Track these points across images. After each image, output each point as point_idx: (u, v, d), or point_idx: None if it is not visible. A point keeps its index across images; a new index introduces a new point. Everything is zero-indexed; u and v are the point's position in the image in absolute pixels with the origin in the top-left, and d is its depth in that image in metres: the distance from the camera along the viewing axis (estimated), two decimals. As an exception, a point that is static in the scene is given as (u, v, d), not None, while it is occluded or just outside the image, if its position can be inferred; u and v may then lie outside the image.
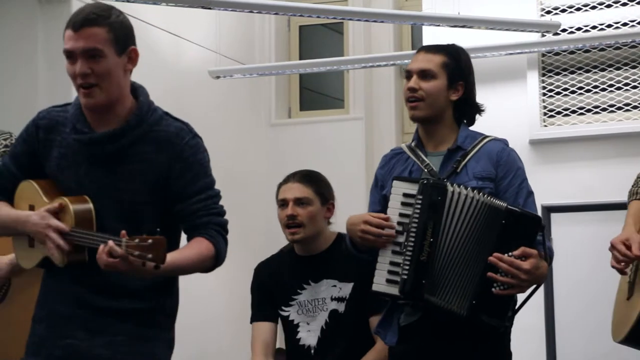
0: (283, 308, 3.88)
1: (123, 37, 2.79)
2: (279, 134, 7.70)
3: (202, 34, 7.05)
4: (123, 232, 2.60)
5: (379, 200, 3.32)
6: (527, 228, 3.08)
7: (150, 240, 2.56)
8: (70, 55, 2.76)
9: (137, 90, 2.89)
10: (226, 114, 7.27)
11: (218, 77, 6.90)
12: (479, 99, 3.37)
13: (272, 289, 3.91)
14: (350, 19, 6.47)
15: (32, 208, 2.87)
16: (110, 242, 2.59)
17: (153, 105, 2.90)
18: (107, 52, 2.74)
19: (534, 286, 3.12)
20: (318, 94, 8.18)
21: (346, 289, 3.77)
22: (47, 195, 2.84)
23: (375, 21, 6.40)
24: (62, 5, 5.79)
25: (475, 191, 3.10)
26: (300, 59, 7.75)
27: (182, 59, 6.82)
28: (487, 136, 3.32)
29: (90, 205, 2.78)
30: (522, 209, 3.14)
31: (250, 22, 7.58)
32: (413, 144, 3.33)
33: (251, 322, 3.96)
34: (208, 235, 2.85)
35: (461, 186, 3.11)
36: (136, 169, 2.81)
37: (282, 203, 3.91)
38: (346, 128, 7.55)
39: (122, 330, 2.82)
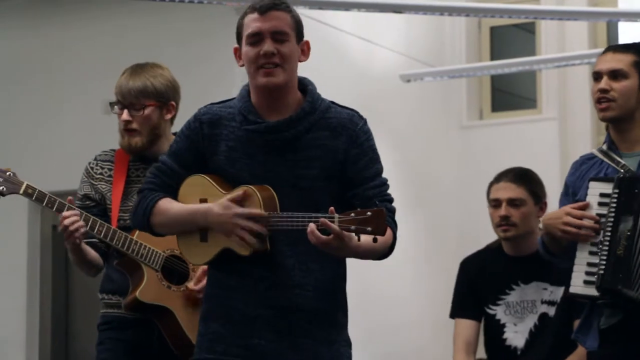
0: (490, 306, 3.86)
1: (301, 28, 2.85)
2: (470, 136, 7.66)
3: (393, 38, 7.11)
4: (331, 208, 2.62)
5: None
6: None
7: (369, 213, 2.59)
8: (256, 36, 2.79)
9: (302, 81, 2.90)
10: (417, 117, 7.30)
11: (409, 81, 6.94)
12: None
13: (479, 285, 3.89)
14: (543, 18, 6.37)
15: (203, 202, 2.84)
16: (323, 219, 2.60)
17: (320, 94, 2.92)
18: (291, 36, 2.81)
19: None
20: (510, 95, 8.09)
21: (557, 292, 3.73)
22: (222, 187, 2.82)
23: (568, 19, 6.28)
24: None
25: None
26: (492, 59, 7.69)
27: (373, 64, 6.89)
28: None
29: (273, 193, 2.79)
30: None
31: (440, 25, 7.58)
32: (605, 147, 3.30)
33: (452, 317, 3.96)
34: (386, 222, 2.80)
35: None
36: (313, 155, 2.81)
37: (495, 203, 3.86)
38: (539, 129, 7.44)
39: (308, 333, 2.80)
